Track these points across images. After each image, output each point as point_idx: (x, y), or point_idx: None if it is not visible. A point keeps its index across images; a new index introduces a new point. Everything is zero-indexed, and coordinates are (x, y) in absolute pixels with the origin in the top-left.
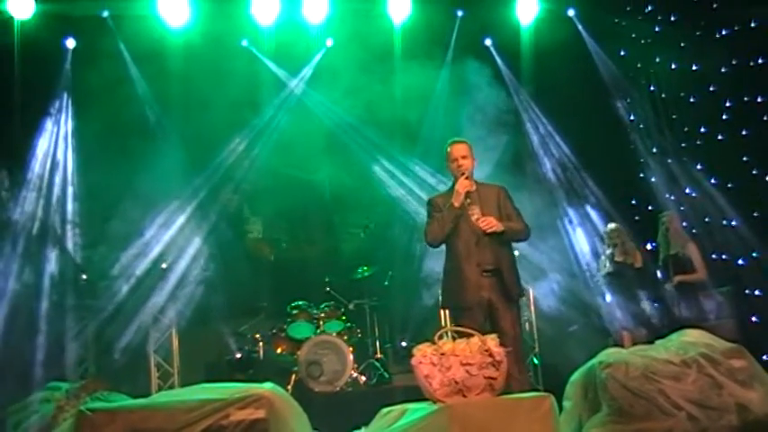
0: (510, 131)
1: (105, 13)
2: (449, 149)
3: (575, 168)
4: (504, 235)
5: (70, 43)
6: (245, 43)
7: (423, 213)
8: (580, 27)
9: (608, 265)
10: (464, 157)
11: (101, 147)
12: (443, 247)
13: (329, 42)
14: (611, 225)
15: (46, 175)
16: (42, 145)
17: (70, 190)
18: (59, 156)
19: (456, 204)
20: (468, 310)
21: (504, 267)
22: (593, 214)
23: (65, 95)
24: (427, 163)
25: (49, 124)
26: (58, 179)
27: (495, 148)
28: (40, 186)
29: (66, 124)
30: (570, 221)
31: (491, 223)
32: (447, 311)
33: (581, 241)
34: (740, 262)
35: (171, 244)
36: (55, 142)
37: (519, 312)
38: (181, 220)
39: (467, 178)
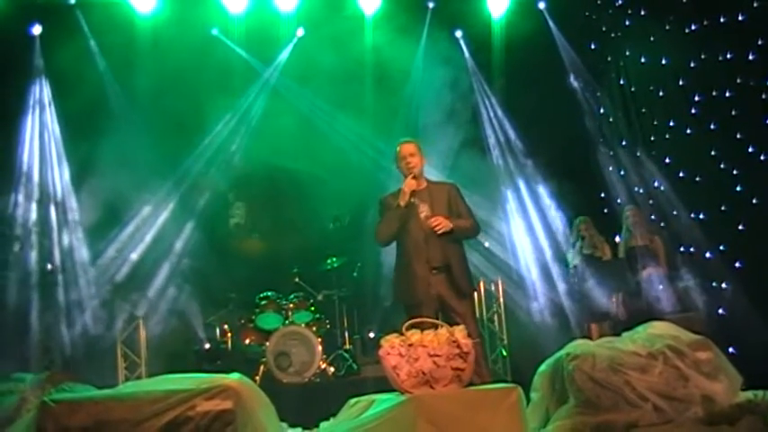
0: (474, 122)
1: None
2: (397, 149)
3: (541, 162)
4: (453, 233)
5: (36, 30)
6: (215, 32)
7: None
8: (550, 20)
9: (576, 257)
10: (412, 155)
11: (72, 138)
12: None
13: (300, 32)
14: (580, 218)
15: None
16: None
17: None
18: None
19: (401, 203)
20: (417, 306)
21: (453, 264)
22: (560, 207)
23: (36, 87)
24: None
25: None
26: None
27: (457, 138)
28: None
29: (46, 114)
30: (538, 214)
31: (441, 223)
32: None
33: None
34: (707, 255)
35: (143, 234)
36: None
37: (472, 306)
38: (154, 210)
39: (413, 178)
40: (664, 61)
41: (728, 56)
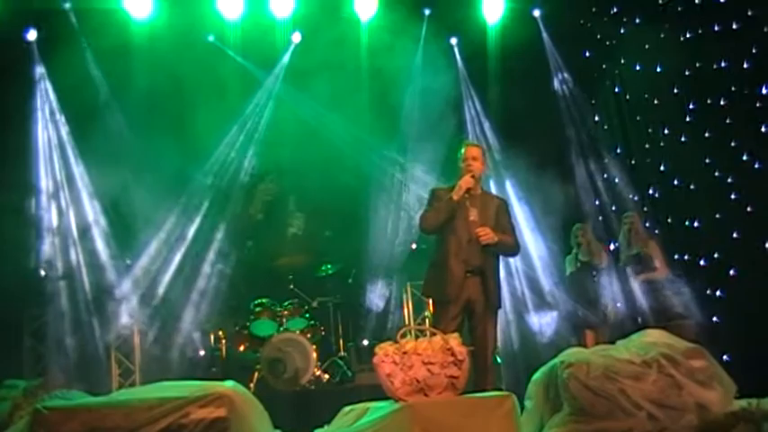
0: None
1: (67, 5)
2: (463, 150)
3: (535, 169)
4: (496, 246)
5: (32, 36)
6: (211, 38)
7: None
8: (542, 28)
9: (573, 264)
10: (474, 159)
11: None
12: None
13: (296, 37)
14: (577, 225)
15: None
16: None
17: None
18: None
19: (455, 198)
20: (446, 304)
21: (487, 271)
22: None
23: (39, 94)
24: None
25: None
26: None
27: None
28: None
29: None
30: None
31: (487, 234)
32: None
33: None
34: (702, 263)
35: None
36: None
37: (496, 319)
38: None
39: (472, 176)
40: (658, 69)
41: (723, 64)
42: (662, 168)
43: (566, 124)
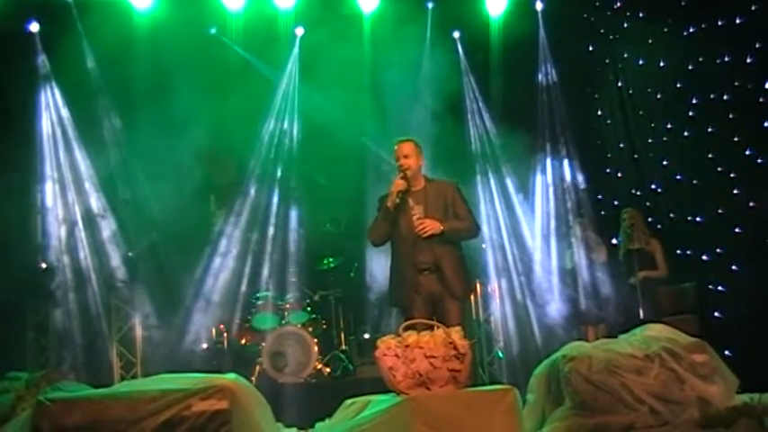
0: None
1: None
2: (395, 148)
3: (535, 164)
4: (444, 235)
5: (34, 27)
6: (213, 31)
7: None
8: (541, 23)
9: (573, 259)
10: (406, 156)
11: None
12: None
13: (299, 31)
14: (578, 219)
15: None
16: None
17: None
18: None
19: (389, 205)
20: (407, 308)
21: (444, 264)
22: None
23: (44, 86)
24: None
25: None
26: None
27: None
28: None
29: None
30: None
31: (426, 227)
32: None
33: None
34: (704, 258)
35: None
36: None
37: (464, 308)
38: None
39: (402, 178)
40: (662, 64)
41: (726, 59)
42: (664, 163)
43: (541, 116)
